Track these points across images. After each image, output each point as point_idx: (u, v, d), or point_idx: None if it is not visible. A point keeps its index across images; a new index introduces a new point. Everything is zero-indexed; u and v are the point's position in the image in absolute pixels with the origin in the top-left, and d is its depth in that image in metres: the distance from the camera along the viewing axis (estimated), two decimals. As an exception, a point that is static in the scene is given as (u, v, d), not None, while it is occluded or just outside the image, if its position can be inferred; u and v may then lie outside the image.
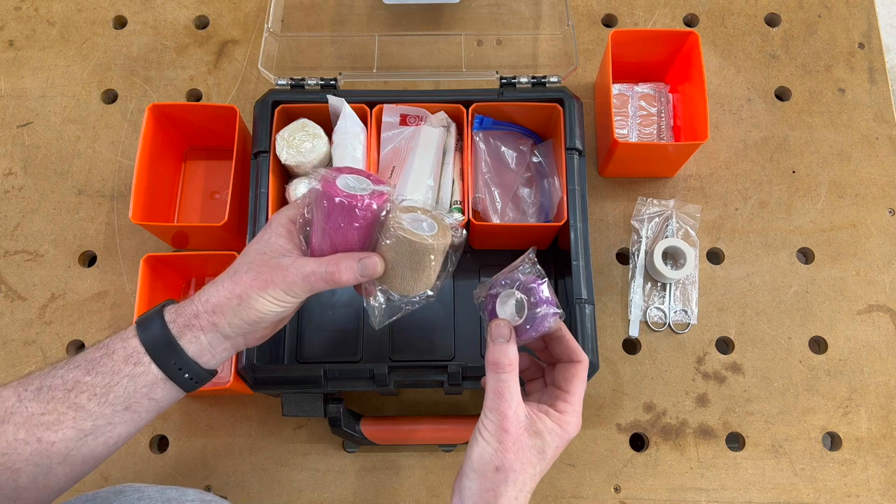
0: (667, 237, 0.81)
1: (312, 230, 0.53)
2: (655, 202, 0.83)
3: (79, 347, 0.79)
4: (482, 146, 0.76)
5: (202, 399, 0.77)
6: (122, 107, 0.88)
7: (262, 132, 0.73)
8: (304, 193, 0.54)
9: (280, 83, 0.77)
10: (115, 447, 0.50)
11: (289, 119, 0.75)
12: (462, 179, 0.74)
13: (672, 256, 0.81)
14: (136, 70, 0.89)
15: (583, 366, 0.52)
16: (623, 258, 0.82)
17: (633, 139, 0.85)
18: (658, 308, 0.80)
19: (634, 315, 0.79)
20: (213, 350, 0.50)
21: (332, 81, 0.76)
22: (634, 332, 0.79)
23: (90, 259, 0.82)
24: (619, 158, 0.79)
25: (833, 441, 0.76)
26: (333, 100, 0.73)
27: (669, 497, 0.73)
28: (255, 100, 0.76)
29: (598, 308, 0.79)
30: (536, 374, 0.57)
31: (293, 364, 0.75)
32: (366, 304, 0.55)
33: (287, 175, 0.77)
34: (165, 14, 0.92)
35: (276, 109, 0.74)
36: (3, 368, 0.77)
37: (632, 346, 0.79)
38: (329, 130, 0.75)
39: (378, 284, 0.53)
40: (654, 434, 0.75)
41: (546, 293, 0.51)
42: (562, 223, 0.71)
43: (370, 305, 0.54)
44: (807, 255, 0.82)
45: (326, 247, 0.52)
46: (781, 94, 0.88)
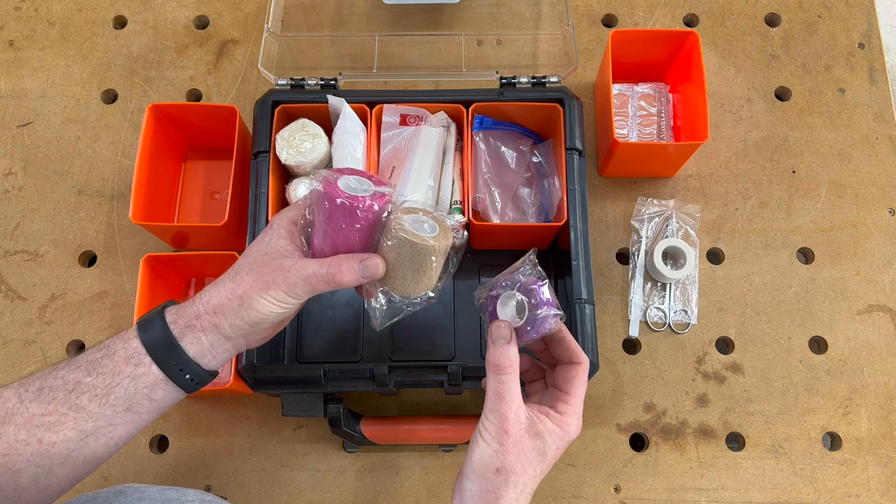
0: (667, 237, 0.81)
1: (314, 231, 0.53)
2: (655, 202, 0.83)
3: (79, 347, 0.79)
4: (482, 146, 0.76)
5: (202, 399, 0.77)
6: (122, 107, 0.88)
7: (262, 132, 0.73)
8: (306, 195, 0.54)
9: (280, 83, 0.76)
10: (116, 448, 0.50)
11: (289, 119, 0.75)
12: (462, 179, 0.74)
13: (672, 256, 0.81)
14: (136, 70, 0.89)
15: (583, 367, 0.52)
16: (623, 258, 0.82)
17: (633, 139, 0.85)
18: (658, 308, 0.80)
19: (634, 315, 0.79)
20: (215, 351, 0.50)
21: (332, 81, 0.76)
22: (634, 332, 0.79)
23: (90, 259, 0.82)
24: (619, 158, 0.79)
25: (833, 441, 0.76)
26: (333, 100, 0.73)
27: (669, 497, 0.73)
28: (255, 100, 0.76)
29: (598, 308, 0.79)
30: (537, 376, 0.57)
31: (293, 364, 0.75)
32: (367, 306, 0.55)
33: (287, 175, 0.77)
34: (165, 14, 0.92)
35: (276, 109, 0.74)
36: (3, 368, 0.77)
37: (632, 346, 0.79)
38: (329, 130, 0.75)
39: (379, 286, 0.53)
40: (654, 434, 0.75)
41: (547, 294, 0.51)
42: (562, 223, 0.71)
43: (371, 307, 0.54)
44: (807, 255, 0.82)
45: (328, 248, 0.52)
46: (781, 94, 0.88)
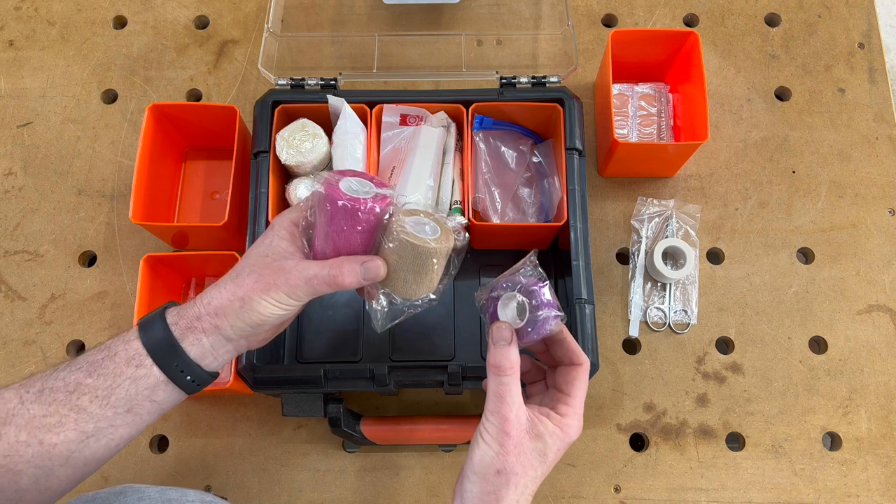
0: (667, 237, 0.81)
1: (315, 233, 0.53)
2: (655, 202, 0.83)
3: (79, 348, 0.79)
4: (482, 146, 0.76)
5: (202, 399, 0.77)
6: (122, 107, 0.88)
7: (262, 132, 0.73)
8: (307, 196, 0.54)
9: (280, 83, 0.76)
10: (117, 449, 0.50)
11: (289, 119, 0.75)
12: (462, 179, 0.74)
13: (672, 256, 0.81)
14: (136, 70, 0.89)
15: (584, 368, 0.52)
16: (623, 258, 0.82)
17: (633, 139, 0.85)
18: (658, 308, 0.80)
19: (634, 315, 0.79)
20: (216, 352, 0.50)
21: (332, 81, 0.76)
22: (634, 332, 0.79)
23: (90, 259, 0.82)
24: (619, 158, 0.79)
25: (833, 441, 0.76)
26: (333, 100, 0.73)
27: (669, 497, 0.73)
28: (255, 100, 0.76)
29: (598, 308, 0.79)
30: (538, 377, 0.57)
31: (293, 364, 0.75)
32: (368, 308, 0.55)
33: (287, 175, 0.76)
34: (165, 14, 0.92)
35: (276, 109, 0.74)
36: (3, 368, 0.77)
37: (632, 346, 0.79)
38: (329, 130, 0.75)
39: (380, 288, 0.53)
40: (654, 434, 0.75)
41: (548, 296, 0.51)
42: (562, 223, 0.71)
43: (372, 309, 0.54)
44: (807, 255, 0.82)
45: (329, 250, 0.52)
46: (781, 94, 0.88)
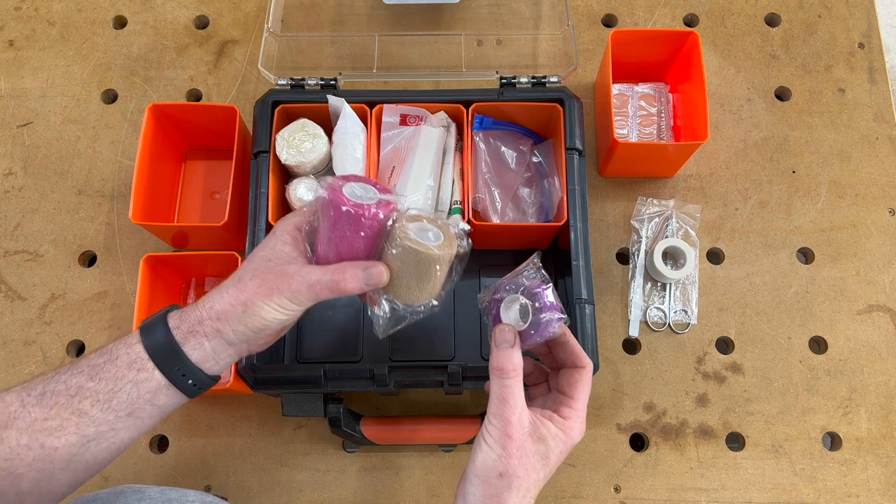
0: (667, 237, 0.81)
1: (318, 238, 0.53)
2: (655, 202, 0.83)
3: (79, 348, 0.79)
4: (482, 146, 0.76)
5: (202, 399, 0.76)
6: (122, 107, 0.88)
7: (262, 132, 0.73)
8: (311, 201, 0.54)
9: (280, 83, 0.76)
10: (118, 452, 0.50)
11: (289, 119, 0.75)
12: (462, 179, 0.74)
13: (672, 256, 0.81)
14: (136, 70, 0.89)
15: (587, 371, 0.52)
16: (623, 258, 0.82)
17: (633, 139, 0.85)
18: (658, 308, 0.80)
19: (634, 315, 0.79)
20: (217, 356, 0.50)
21: (332, 81, 0.76)
22: (634, 332, 0.79)
23: (90, 259, 0.82)
24: (619, 158, 0.79)
25: (833, 441, 0.76)
26: (333, 100, 0.73)
27: (669, 497, 0.73)
28: (255, 100, 0.76)
29: (598, 308, 0.79)
30: (540, 379, 0.57)
31: (293, 364, 0.75)
32: (370, 313, 0.55)
33: (287, 175, 0.76)
34: (165, 14, 0.92)
35: (276, 109, 0.74)
36: (3, 368, 0.77)
37: (632, 346, 0.79)
38: (329, 130, 0.75)
39: (383, 293, 0.53)
40: (654, 434, 0.75)
41: (551, 298, 0.51)
42: (562, 223, 0.71)
43: (374, 314, 0.54)
44: (807, 255, 0.82)
45: (332, 255, 0.52)
46: (781, 94, 0.88)
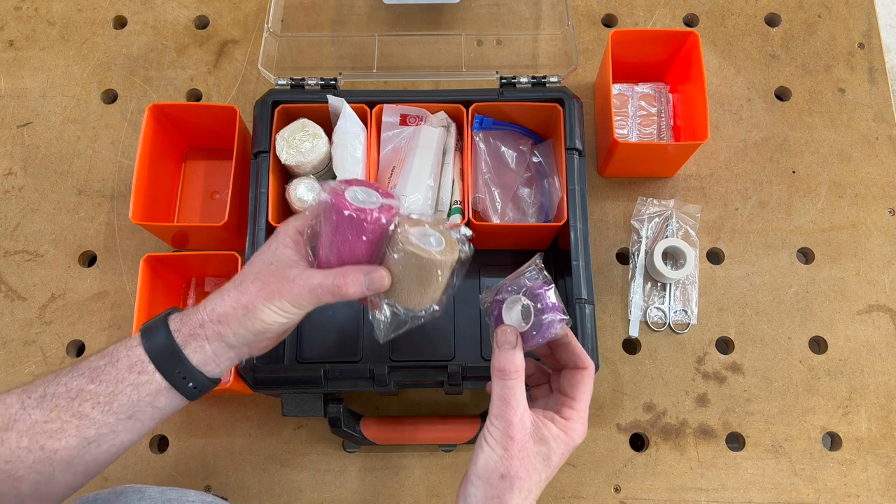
0: (667, 237, 0.81)
1: (320, 242, 0.53)
2: (655, 202, 0.83)
3: (79, 348, 0.79)
4: (482, 146, 0.76)
5: (202, 399, 0.76)
6: (122, 107, 0.88)
7: (262, 132, 0.73)
8: (310, 201, 0.53)
9: (280, 83, 0.76)
10: (118, 455, 0.50)
11: (289, 119, 0.75)
12: (462, 179, 0.74)
13: (672, 256, 0.81)
14: (136, 70, 0.89)
15: (589, 372, 0.52)
16: (623, 258, 0.82)
17: (633, 139, 0.85)
18: (658, 308, 0.80)
19: (634, 315, 0.79)
20: (218, 359, 0.50)
21: (332, 81, 0.76)
22: (634, 332, 0.79)
23: (90, 259, 0.82)
24: (619, 158, 0.79)
25: (833, 441, 0.76)
26: (333, 100, 0.73)
27: (669, 497, 0.73)
28: (255, 100, 0.76)
29: (598, 308, 0.79)
30: (542, 380, 0.57)
31: (293, 364, 0.75)
32: (371, 318, 0.54)
33: (287, 175, 0.76)
34: (165, 14, 0.92)
35: (276, 109, 0.74)
36: (3, 368, 0.77)
37: (632, 346, 0.79)
38: (329, 130, 0.75)
39: (384, 298, 0.53)
40: (654, 434, 0.75)
41: (553, 299, 0.51)
42: (562, 223, 0.71)
43: (375, 319, 0.54)
44: (807, 255, 0.82)
45: (334, 259, 0.52)
46: (781, 94, 0.88)
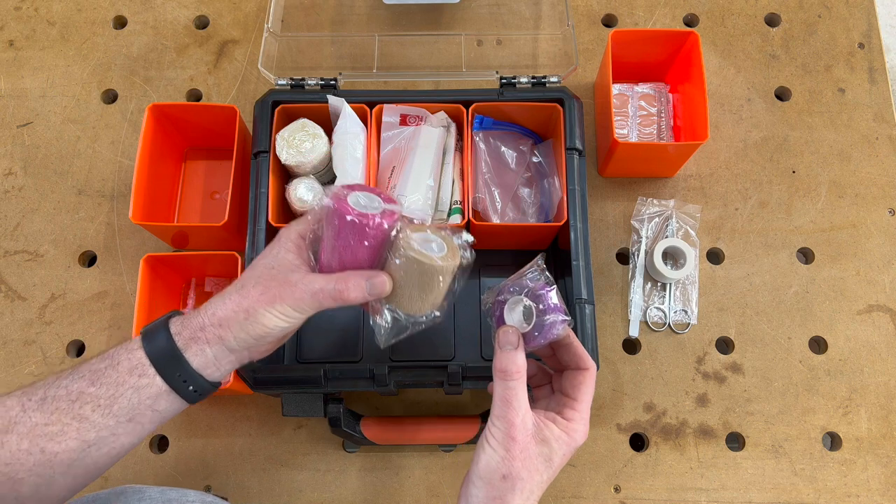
0: (667, 237, 0.81)
1: (321, 247, 0.53)
2: (655, 202, 0.83)
3: (79, 348, 0.79)
4: (482, 146, 0.76)
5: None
6: (122, 107, 0.88)
7: (262, 132, 0.73)
8: (310, 201, 0.53)
9: (280, 83, 0.76)
10: (118, 457, 0.50)
11: (289, 119, 0.75)
12: (462, 179, 0.74)
13: (672, 256, 0.81)
14: (136, 70, 0.89)
15: (591, 373, 0.52)
16: (623, 258, 0.82)
17: (633, 139, 0.85)
18: (658, 308, 0.80)
19: (634, 315, 0.79)
20: (218, 363, 0.50)
21: (332, 81, 0.76)
22: (634, 332, 0.79)
23: (90, 259, 0.82)
24: (619, 158, 0.79)
25: (833, 441, 0.76)
26: (333, 100, 0.73)
27: (669, 497, 0.73)
28: (255, 100, 0.76)
29: (598, 308, 0.79)
30: (543, 381, 0.57)
31: (293, 364, 0.75)
32: (372, 323, 0.55)
33: (287, 175, 0.76)
34: (165, 14, 0.92)
35: (276, 109, 0.74)
36: (3, 368, 0.77)
37: (632, 346, 0.79)
38: (329, 130, 0.75)
39: (385, 303, 0.53)
40: (654, 434, 0.75)
41: (555, 300, 0.51)
42: (562, 223, 0.71)
43: (376, 324, 0.54)
44: (807, 255, 0.82)
45: (335, 264, 0.52)
46: (781, 94, 0.88)
